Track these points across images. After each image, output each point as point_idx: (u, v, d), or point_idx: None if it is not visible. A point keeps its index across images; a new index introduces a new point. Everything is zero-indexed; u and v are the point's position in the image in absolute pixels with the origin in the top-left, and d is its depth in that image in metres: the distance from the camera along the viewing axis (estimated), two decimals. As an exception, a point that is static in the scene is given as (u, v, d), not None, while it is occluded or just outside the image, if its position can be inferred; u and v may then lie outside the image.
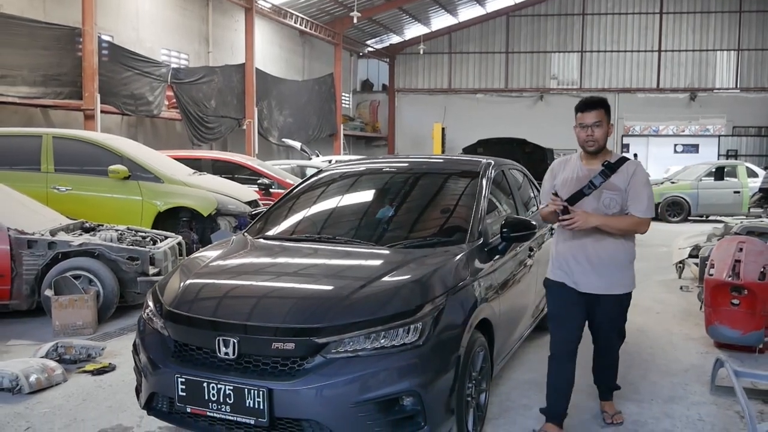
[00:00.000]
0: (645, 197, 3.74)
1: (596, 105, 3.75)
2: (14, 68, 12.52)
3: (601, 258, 3.78)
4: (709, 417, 4.26)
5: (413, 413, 3.15)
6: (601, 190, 3.74)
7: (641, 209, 3.73)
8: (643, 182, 3.77)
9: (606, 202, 3.73)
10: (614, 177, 3.74)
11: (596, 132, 3.73)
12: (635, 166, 3.80)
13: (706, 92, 30.52)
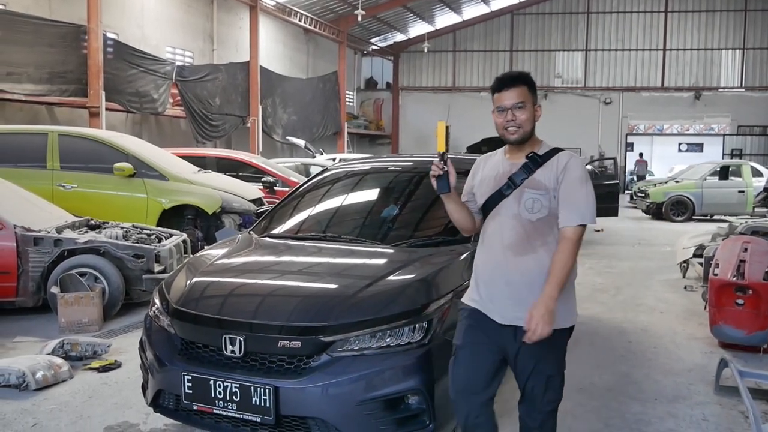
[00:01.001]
0: (581, 199, 2.80)
1: (516, 81, 2.88)
2: (20, 65, 12.56)
3: (523, 277, 2.84)
4: (713, 417, 4.26)
5: (418, 412, 3.17)
6: (522, 189, 2.86)
7: (574, 216, 2.78)
8: (578, 179, 2.82)
9: (528, 204, 2.84)
10: (539, 172, 2.86)
11: (518, 115, 2.85)
12: (567, 159, 2.87)
13: (710, 91, 30.47)
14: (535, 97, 2.92)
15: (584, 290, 8.12)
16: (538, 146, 2.94)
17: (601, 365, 5.25)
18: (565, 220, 2.80)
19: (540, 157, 2.88)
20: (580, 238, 2.82)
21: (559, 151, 2.92)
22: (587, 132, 30.79)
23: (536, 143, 2.95)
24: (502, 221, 2.90)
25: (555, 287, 2.72)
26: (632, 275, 9.27)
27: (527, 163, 2.88)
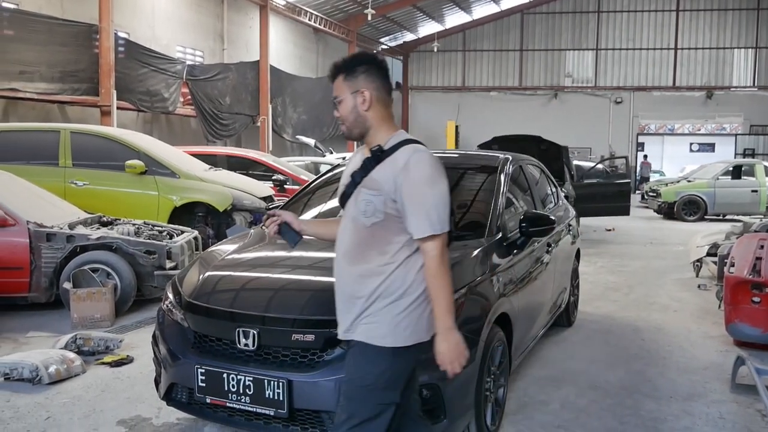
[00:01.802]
0: (426, 204, 2.38)
1: (333, 73, 2.57)
2: (32, 64, 12.63)
3: (353, 289, 2.53)
4: (730, 415, 4.22)
5: (432, 406, 3.14)
6: (360, 189, 2.50)
7: (422, 226, 2.39)
8: (421, 180, 2.40)
9: (362, 206, 2.47)
10: (378, 169, 2.47)
11: (340, 110, 2.56)
12: (409, 155, 2.43)
13: (722, 90, 30.29)
14: (356, 83, 2.51)
15: (596, 289, 8.08)
16: (388, 138, 2.52)
17: (615, 363, 5.21)
18: (415, 230, 2.41)
19: (383, 152, 2.49)
20: (442, 250, 2.42)
21: (405, 145, 2.48)
22: (598, 132, 30.67)
23: (385, 135, 2.53)
24: (343, 224, 2.60)
25: (442, 316, 2.43)
26: (645, 274, 9.21)
27: (368, 158, 2.52)
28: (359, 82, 2.51)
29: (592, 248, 11.32)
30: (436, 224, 2.39)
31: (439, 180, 2.45)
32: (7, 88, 12.25)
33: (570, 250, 6.06)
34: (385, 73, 2.57)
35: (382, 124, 2.54)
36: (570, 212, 6.40)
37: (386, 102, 2.56)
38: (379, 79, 2.54)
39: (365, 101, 2.50)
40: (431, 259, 2.42)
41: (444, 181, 2.47)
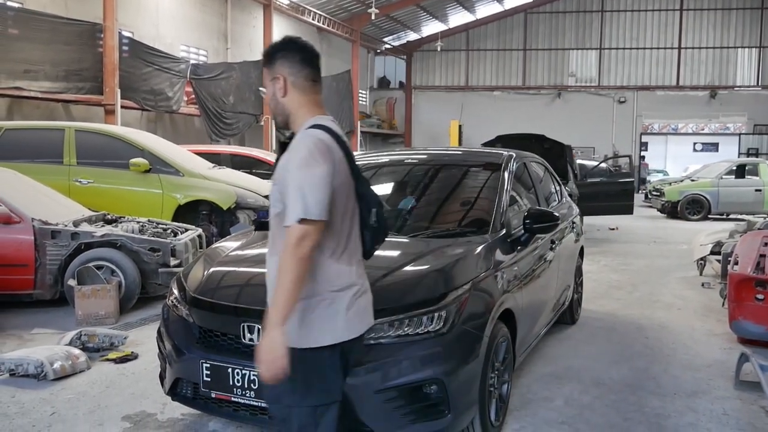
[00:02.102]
0: (296, 187, 2.21)
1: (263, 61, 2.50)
2: (37, 63, 12.64)
3: (270, 283, 2.44)
4: (734, 411, 4.21)
5: (437, 401, 3.15)
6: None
7: (290, 211, 2.21)
8: (295, 162, 2.26)
9: (272, 199, 2.41)
10: (283, 157, 2.39)
11: (266, 98, 2.52)
12: (297, 140, 2.35)
13: (726, 90, 30.24)
14: (274, 70, 2.44)
15: (600, 287, 8.08)
16: (300, 126, 2.42)
17: (619, 361, 5.21)
18: (286, 217, 2.25)
19: (290, 139, 2.42)
20: (298, 239, 2.18)
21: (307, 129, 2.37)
22: (601, 131, 30.63)
23: (302, 122, 2.43)
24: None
25: (271, 310, 2.23)
26: (648, 272, 9.20)
27: (280, 147, 2.49)
28: (276, 69, 2.43)
29: (595, 247, 11.32)
30: (299, 209, 2.19)
31: (314, 163, 2.23)
32: (11, 87, 12.27)
33: (574, 248, 6.07)
34: (304, 58, 2.45)
35: (299, 111, 2.44)
36: (574, 210, 6.41)
37: (305, 87, 2.43)
38: (297, 65, 2.43)
39: (281, 88, 2.42)
40: (285, 247, 2.21)
41: (322, 165, 2.24)
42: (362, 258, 2.52)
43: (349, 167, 2.41)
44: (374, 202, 2.48)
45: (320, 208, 2.21)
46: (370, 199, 2.47)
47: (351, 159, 2.42)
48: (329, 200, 2.24)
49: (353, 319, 2.39)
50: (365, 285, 2.51)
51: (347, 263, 2.40)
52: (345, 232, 2.39)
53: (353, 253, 2.44)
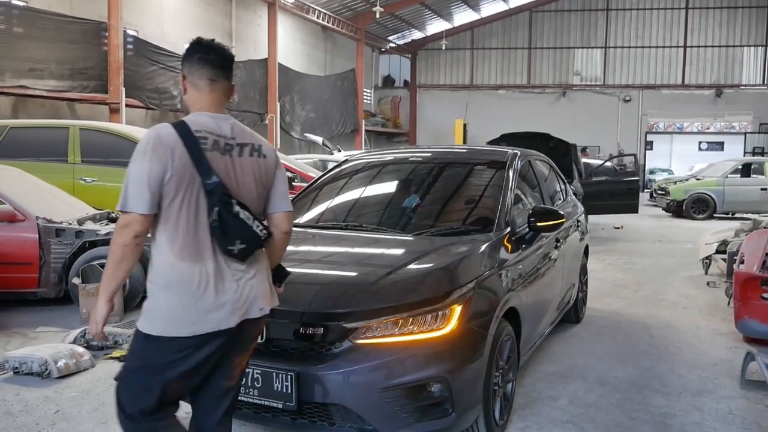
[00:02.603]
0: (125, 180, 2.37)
1: None
2: (42, 62, 12.70)
3: None
4: (740, 411, 4.19)
5: (441, 400, 3.13)
6: None
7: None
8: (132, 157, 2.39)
9: None
10: None
11: None
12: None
13: (732, 89, 30.15)
14: (183, 69, 2.58)
15: (605, 285, 8.05)
16: None
17: (624, 359, 5.18)
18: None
19: None
20: (122, 227, 2.33)
21: None
22: (606, 130, 30.58)
23: None
24: None
25: (101, 286, 2.46)
26: (653, 271, 9.17)
27: None
28: (183, 68, 2.56)
29: (600, 246, 11.29)
30: (120, 201, 2.33)
31: (139, 158, 2.34)
32: (16, 86, 12.32)
33: (578, 247, 6.05)
34: (202, 58, 2.51)
35: (193, 109, 2.55)
36: (579, 208, 6.38)
37: (200, 86, 2.51)
38: (194, 64, 2.52)
39: (182, 86, 2.57)
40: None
41: (144, 160, 2.33)
42: (230, 256, 2.46)
43: (195, 164, 2.38)
44: (219, 201, 2.40)
45: (135, 201, 2.31)
46: (215, 198, 2.40)
47: (197, 155, 2.39)
48: (151, 194, 2.32)
49: (179, 317, 2.40)
50: (227, 286, 2.45)
51: (190, 259, 2.40)
52: (183, 228, 2.39)
53: (200, 249, 2.41)
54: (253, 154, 2.55)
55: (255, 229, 2.45)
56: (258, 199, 2.58)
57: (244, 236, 2.43)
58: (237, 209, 2.41)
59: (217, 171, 2.41)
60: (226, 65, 2.56)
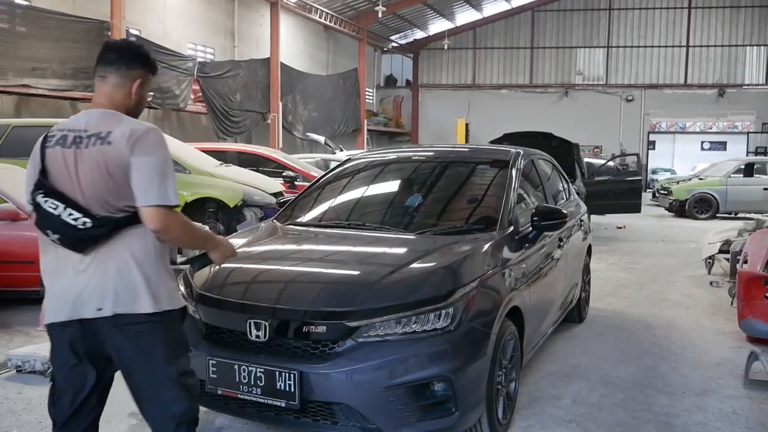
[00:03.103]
0: None
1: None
2: (45, 61, 12.71)
3: None
4: (743, 410, 4.18)
5: (444, 399, 3.13)
6: None
7: None
8: None
9: None
10: None
11: None
12: None
13: (734, 88, 30.10)
14: None
15: (608, 285, 8.04)
16: None
17: (627, 359, 5.17)
18: None
19: None
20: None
21: None
22: (608, 130, 30.55)
23: None
24: None
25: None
26: (656, 271, 9.16)
27: None
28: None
29: (603, 245, 11.27)
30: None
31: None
32: (19, 84, 12.33)
33: (581, 246, 6.04)
34: (97, 60, 2.65)
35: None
36: (581, 208, 6.37)
37: (95, 83, 2.66)
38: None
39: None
40: None
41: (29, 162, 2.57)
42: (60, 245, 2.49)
43: (39, 165, 2.50)
44: (31, 192, 2.49)
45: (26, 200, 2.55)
46: (31, 189, 2.51)
47: (37, 153, 2.52)
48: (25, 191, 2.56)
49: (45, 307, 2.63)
50: (61, 278, 2.52)
51: (42, 251, 2.58)
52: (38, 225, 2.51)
53: (45, 240, 2.51)
54: (96, 143, 2.44)
55: (65, 218, 2.40)
56: (107, 189, 2.42)
57: (53, 226, 2.43)
58: (41, 199, 2.45)
59: (50, 165, 2.47)
60: (118, 61, 2.58)
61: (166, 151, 2.47)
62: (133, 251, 2.49)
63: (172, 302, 2.59)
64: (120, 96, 2.56)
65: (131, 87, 2.57)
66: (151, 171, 2.42)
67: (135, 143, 2.41)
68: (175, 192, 2.46)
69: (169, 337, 2.56)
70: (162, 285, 2.54)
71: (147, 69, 2.63)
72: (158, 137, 2.48)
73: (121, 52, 2.61)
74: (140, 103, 2.62)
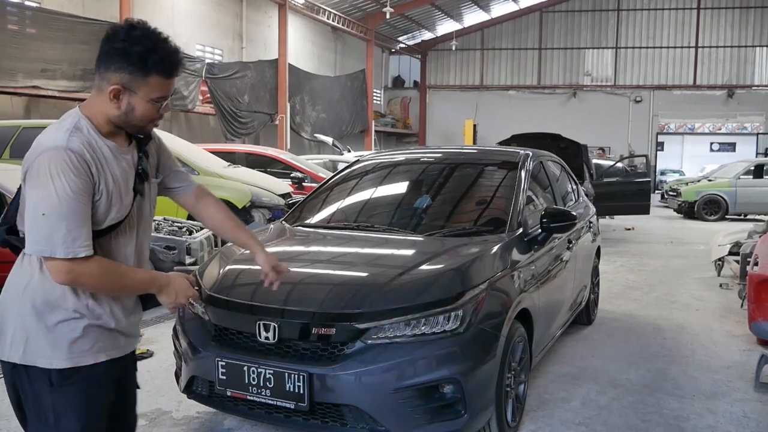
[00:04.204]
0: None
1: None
2: (54, 62, 12.77)
3: None
4: (754, 414, 4.15)
5: (453, 401, 3.12)
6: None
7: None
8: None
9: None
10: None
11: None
12: None
13: (744, 89, 29.95)
14: None
15: (617, 287, 8.01)
16: None
17: (637, 361, 5.15)
18: None
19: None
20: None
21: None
22: (617, 131, 30.45)
23: None
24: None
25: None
26: (665, 273, 9.12)
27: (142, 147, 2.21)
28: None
29: (611, 247, 11.23)
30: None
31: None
32: (29, 86, 12.39)
33: (590, 248, 6.01)
34: None
35: None
36: (590, 210, 6.35)
37: None
38: None
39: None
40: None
41: None
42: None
43: None
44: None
45: None
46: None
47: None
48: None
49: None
50: None
51: None
52: None
53: None
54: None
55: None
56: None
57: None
58: None
59: None
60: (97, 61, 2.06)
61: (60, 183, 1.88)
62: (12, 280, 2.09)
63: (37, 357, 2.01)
64: (100, 97, 2.05)
65: (101, 89, 2.03)
66: (32, 189, 1.92)
67: (29, 160, 1.95)
68: (71, 238, 1.90)
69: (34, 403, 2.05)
70: (14, 327, 2.03)
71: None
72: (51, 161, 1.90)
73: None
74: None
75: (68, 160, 1.91)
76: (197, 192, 2.46)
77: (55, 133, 1.96)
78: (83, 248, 1.92)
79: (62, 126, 1.99)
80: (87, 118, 2.02)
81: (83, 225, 1.93)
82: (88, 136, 1.99)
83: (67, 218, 1.89)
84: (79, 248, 1.91)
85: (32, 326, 2.01)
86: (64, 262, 1.91)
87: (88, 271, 1.95)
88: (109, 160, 2.03)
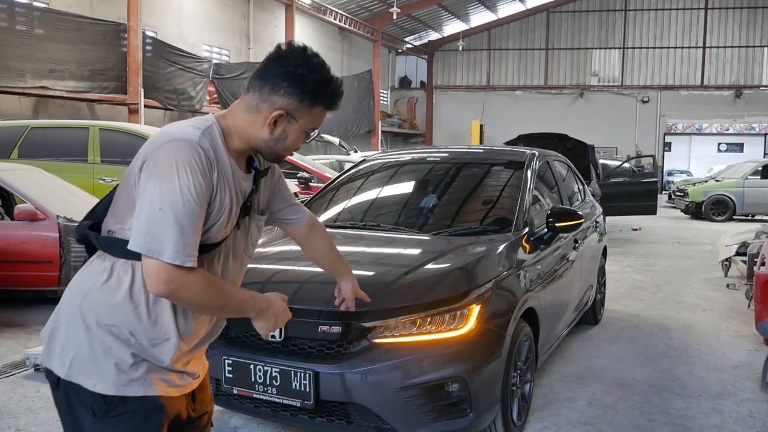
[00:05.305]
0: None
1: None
2: (62, 63, 12.83)
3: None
4: (761, 414, 4.15)
5: (459, 400, 3.13)
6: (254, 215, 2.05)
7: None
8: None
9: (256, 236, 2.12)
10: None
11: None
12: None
13: (752, 89, 29.84)
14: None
15: (623, 287, 8.00)
16: None
17: (643, 361, 5.15)
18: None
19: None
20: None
21: None
22: (624, 131, 30.37)
23: None
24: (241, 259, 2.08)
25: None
26: (672, 273, 9.10)
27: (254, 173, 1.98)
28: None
29: (618, 247, 11.21)
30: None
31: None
32: (37, 86, 12.46)
33: (597, 248, 6.01)
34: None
35: None
36: (597, 209, 6.35)
37: None
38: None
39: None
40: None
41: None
42: None
43: None
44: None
45: None
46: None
47: None
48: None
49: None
50: None
51: None
52: None
53: None
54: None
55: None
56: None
57: None
58: None
59: None
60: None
61: (185, 180, 1.68)
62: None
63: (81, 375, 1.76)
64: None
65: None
66: (150, 200, 1.68)
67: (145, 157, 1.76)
68: (183, 243, 1.66)
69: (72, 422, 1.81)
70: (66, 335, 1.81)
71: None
72: (179, 153, 1.70)
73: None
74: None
75: (197, 157, 1.71)
76: (309, 222, 2.35)
77: (185, 127, 1.79)
78: (190, 258, 1.68)
79: (194, 123, 1.81)
80: (221, 129, 1.83)
81: (195, 233, 1.70)
82: (217, 143, 1.80)
83: (185, 221, 1.67)
84: (187, 257, 1.67)
85: (81, 338, 1.77)
86: (167, 268, 1.65)
87: (191, 284, 1.69)
88: (228, 177, 1.82)
